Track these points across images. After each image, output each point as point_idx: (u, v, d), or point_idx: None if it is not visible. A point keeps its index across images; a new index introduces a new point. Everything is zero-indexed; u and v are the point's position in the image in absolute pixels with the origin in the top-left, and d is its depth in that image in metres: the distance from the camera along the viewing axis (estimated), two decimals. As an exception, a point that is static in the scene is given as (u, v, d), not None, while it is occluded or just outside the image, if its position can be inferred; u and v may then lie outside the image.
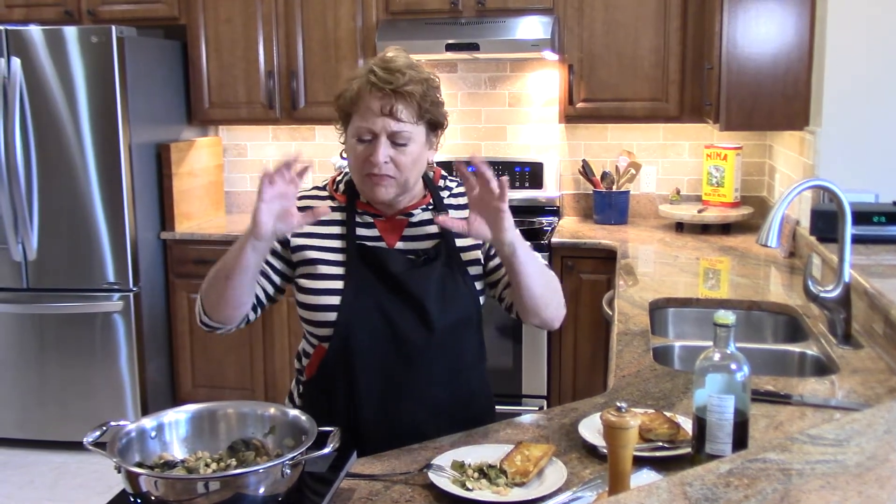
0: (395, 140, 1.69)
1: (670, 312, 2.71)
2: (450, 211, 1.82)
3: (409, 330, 1.74)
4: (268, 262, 1.79)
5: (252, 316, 1.79)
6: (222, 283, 1.68)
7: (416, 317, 1.74)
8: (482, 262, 1.85)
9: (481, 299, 1.85)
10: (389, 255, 1.77)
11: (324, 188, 1.87)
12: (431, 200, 1.84)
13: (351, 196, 1.81)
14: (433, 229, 1.81)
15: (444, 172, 1.91)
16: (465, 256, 1.82)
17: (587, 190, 4.42)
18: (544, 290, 1.77)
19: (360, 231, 1.79)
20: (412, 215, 1.82)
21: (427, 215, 1.82)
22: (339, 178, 1.87)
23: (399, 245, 1.80)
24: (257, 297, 1.78)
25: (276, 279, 1.81)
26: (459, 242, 1.82)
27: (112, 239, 4.00)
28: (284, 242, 1.79)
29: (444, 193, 1.86)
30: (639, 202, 4.43)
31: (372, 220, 1.80)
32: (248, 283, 1.69)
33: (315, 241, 1.79)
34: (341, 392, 1.76)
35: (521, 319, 1.85)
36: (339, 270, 1.76)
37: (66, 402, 4.11)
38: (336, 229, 1.80)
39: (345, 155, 1.81)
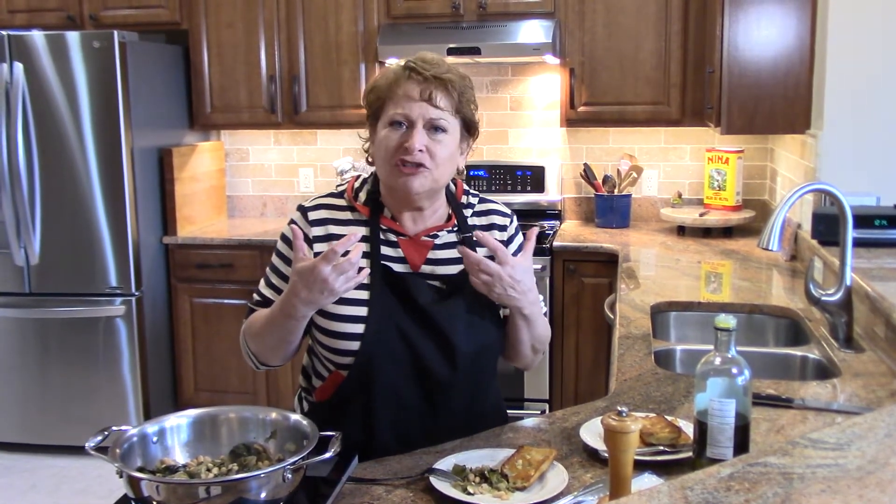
0: (433, 127, 1.63)
1: (672, 316, 2.71)
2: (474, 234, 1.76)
3: (433, 363, 1.68)
4: None
5: None
6: (284, 342, 1.66)
7: (441, 351, 1.68)
8: None
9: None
10: (416, 284, 1.68)
11: (341, 195, 1.77)
12: (456, 222, 1.76)
13: (374, 210, 1.72)
14: (459, 253, 1.73)
15: (465, 187, 1.83)
16: None
17: (589, 193, 4.42)
18: (525, 351, 1.80)
19: (385, 250, 1.71)
20: (437, 237, 1.74)
21: (452, 237, 1.75)
22: (357, 184, 1.77)
23: (424, 268, 1.72)
24: None
25: None
26: None
27: (114, 243, 4.00)
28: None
29: (468, 212, 1.79)
30: (640, 206, 4.43)
31: (396, 240, 1.72)
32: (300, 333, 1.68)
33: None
34: (356, 419, 1.70)
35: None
36: (362, 294, 1.67)
37: (68, 407, 4.12)
38: (360, 246, 1.68)
39: (370, 159, 1.74)
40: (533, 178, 4.39)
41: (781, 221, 2.16)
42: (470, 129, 1.73)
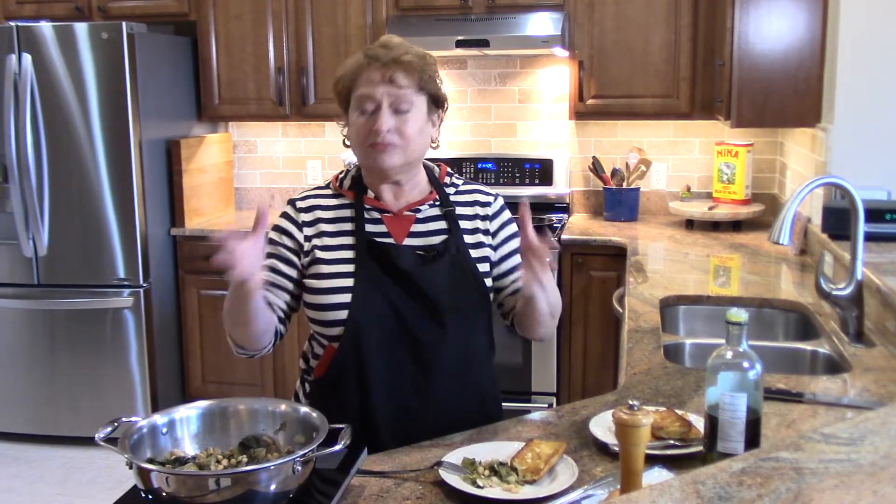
0: (398, 107, 1.72)
1: (681, 310, 2.70)
2: (456, 208, 1.85)
3: (421, 327, 1.75)
4: (282, 273, 1.79)
5: (282, 329, 1.83)
6: (240, 328, 1.71)
7: (427, 314, 1.75)
8: (491, 261, 1.86)
9: (491, 295, 1.87)
10: (399, 251, 1.77)
11: (327, 186, 1.89)
12: (437, 197, 1.85)
13: (358, 192, 1.83)
14: (441, 225, 1.83)
15: (449, 170, 1.93)
16: (474, 253, 1.83)
17: (597, 187, 4.41)
18: (545, 320, 1.82)
19: (369, 227, 1.80)
20: (419, 211, 1.83)
21: (434, 211, 1.84)
22: (342, 174, 1.88)
23: (408, 241, 1.80)
24: (282, 311, 1.81)
25: (294, 288, 1.81)
26: (468, 239, 1.83)
27: (122, 235, 4.01)
28: (299, 249, 1.80)
29: (451, 190, 1.88)
30: (649, 199, 4.42)
31: (380, 217, 1.81)
32: (262, 315, 1.70)
33: (324, 239, 1.80)
34: (353, 389, 1.76)
35: (512, 326, 1.91)
36: (348, 268, 1.76)
37: (76, 398, 4.13)
38: (346, 226, 1.81)
39: (347, 143, 1.82)
40: (541, 171, 4.38)
41: (792, 215, 2.15)
42: (437, 101, 1.81)
